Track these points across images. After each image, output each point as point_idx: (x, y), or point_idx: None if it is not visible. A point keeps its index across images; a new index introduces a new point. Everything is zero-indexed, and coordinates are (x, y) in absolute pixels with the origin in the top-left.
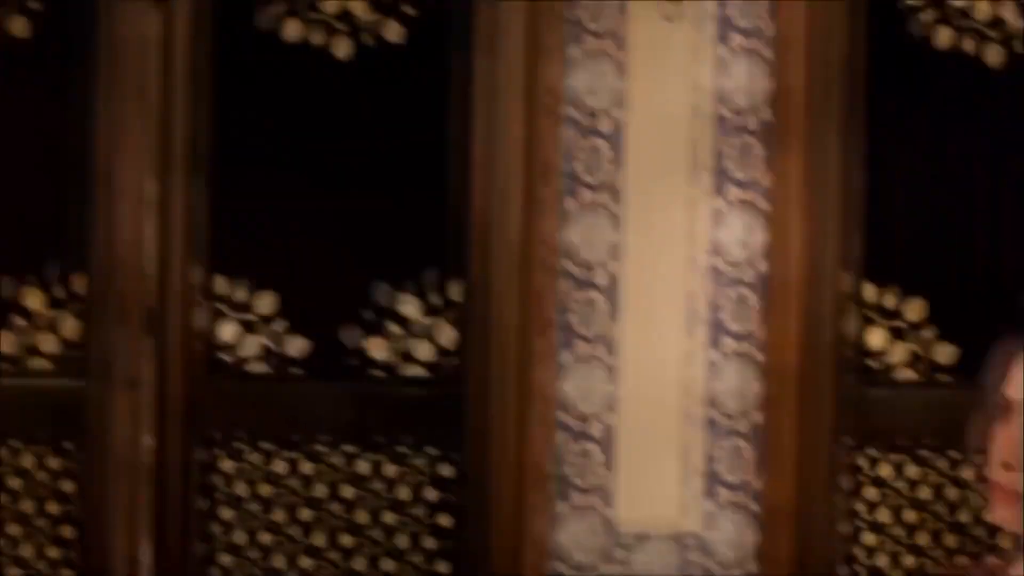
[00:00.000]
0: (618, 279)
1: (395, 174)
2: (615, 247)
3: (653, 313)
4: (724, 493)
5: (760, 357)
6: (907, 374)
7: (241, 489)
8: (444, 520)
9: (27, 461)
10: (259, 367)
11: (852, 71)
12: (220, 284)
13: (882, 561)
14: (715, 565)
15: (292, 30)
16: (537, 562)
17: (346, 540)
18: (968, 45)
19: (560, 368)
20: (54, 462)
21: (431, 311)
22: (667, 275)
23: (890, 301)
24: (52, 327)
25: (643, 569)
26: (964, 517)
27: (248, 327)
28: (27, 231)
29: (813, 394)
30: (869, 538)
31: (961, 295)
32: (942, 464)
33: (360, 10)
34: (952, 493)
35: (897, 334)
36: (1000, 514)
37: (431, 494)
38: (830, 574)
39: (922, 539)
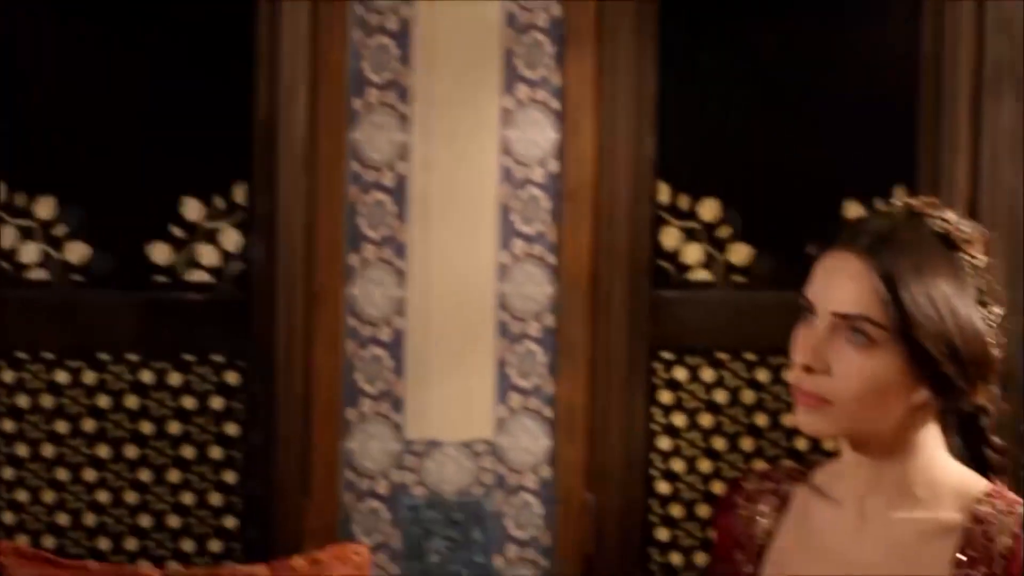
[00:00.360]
0: (407, 180)
1: (178, 75)
2: (403, 147)
3: (442, 215)
4: (516, 398)
5: (552, 259)
6: (702, 275)
7: (22, 400)
8: (230, 429)
9: None
10: (39, 274)
11: None
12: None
13: (678, 465)
14: (508, 471)
15: None
16: (326, 470)
17: (131, 451)
18: None
19: (348, 272)
20: None
21: (215, 214)
22: (456, 177)
23: (684, 202)
24: None
25: (434, 476)
26: (761, 421)
27: (27, 233)
28: None
29: (606, 297)
30: (664, 442)
31: (757, 195)
32: (738, 367)
33: None
34: (748, 396)
35: (691, 235)
36: (801, 418)
37: (217, 402)
38: (625, 479)
39: (718, 443)
